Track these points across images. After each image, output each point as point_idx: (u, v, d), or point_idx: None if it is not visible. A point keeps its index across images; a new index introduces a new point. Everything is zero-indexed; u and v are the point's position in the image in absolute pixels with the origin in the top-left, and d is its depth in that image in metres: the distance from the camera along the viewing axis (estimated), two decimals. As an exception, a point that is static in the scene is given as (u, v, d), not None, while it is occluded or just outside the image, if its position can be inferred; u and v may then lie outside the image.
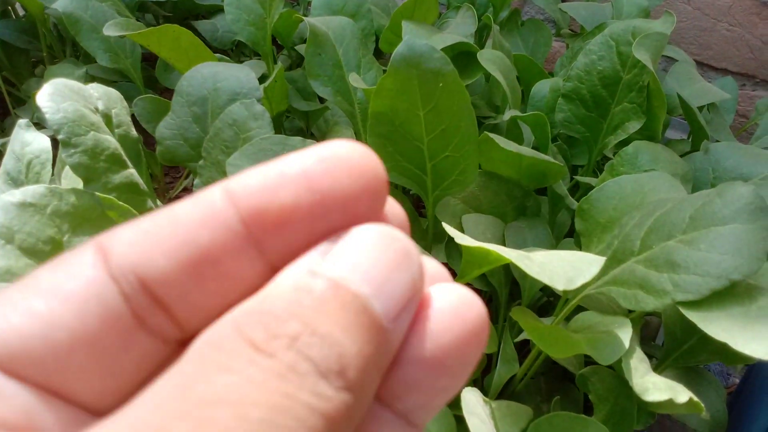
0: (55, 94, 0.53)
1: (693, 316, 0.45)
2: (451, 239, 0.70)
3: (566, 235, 0.77)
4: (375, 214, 0.15)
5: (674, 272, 0.47)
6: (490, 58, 0.67)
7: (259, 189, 0.14)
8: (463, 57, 0.72)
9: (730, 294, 0.46)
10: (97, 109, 0.56)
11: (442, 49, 0.68)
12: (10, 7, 1.14)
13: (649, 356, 0.74)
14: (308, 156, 0.15)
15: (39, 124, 0.93)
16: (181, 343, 0.15)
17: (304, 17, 0.70)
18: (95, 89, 0.58)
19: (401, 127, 0.59)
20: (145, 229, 0.14)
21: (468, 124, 0.58)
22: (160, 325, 0.14)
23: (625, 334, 0.47)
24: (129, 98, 0.97)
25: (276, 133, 0.94)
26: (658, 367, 0.61)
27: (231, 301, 0.14)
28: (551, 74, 1.00)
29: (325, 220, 0.15)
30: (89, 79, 0.89)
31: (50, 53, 1.09)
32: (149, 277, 0.14)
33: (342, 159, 0.15)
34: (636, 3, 0.86)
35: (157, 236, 0.14)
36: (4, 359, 0.14)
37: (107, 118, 0.57)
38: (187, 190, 0.97)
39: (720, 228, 0.47)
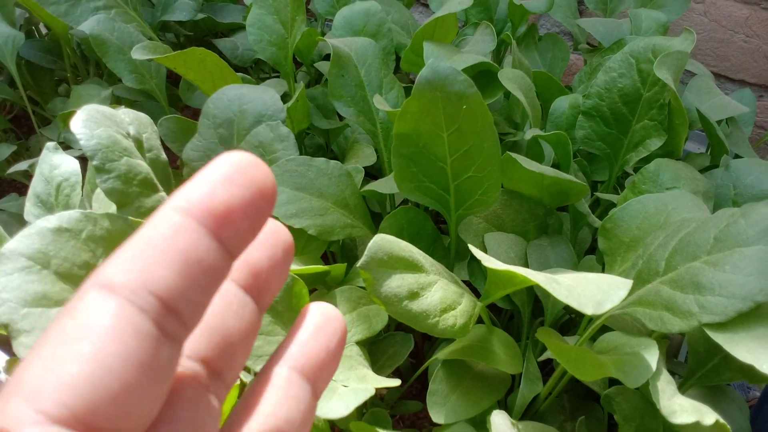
0: (89, 120, 0.54)
1: (718, 337, 0.46)
2: (473, 257, 0.71)
3: (587, 251, 0.78)
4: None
5: (700, 293, 0.48)
6: (510, 78, 0.68)
7: (202, 198, 0.17)
8: (483, 75, 0.73)
9: (755, 315, 0.46)
10: (128, 134, 0.58)
11: (463, 69, 0.69)
12: (33, 27, 1.17)
13: (672, 373, 0.74)
14: (222, 164, 0.18)
15: (64, 143, 0.95)
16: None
17: (326, 39, 0.71)
18: (126, 114, 0.59)
19: (425, 148, 0.59)
20: (132, 255, 0.16)
21: (491, 144, 0.58)
22: (175, 330, 0.16)
23: (652, 357, 0.47)
24: (153, 117, 0.99)
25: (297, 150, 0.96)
26: (682, 386, 0.61)
27: (213, 293, 0.17)
28: (569, 87, 1.00)
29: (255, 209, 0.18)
30: (114, 99, 0.91)
31: (74, 72, 1.11)
32: (159, 289, 0.16)
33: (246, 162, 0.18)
34: (655, 18, 0.87)
35: (147, 257, 0.16)
36: (84, 412, 0.15)
37: (138, 142, 0.59)
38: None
39: (745, 249, 0.47)
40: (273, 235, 0.22)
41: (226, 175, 0.17)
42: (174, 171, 0.94)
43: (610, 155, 0.75)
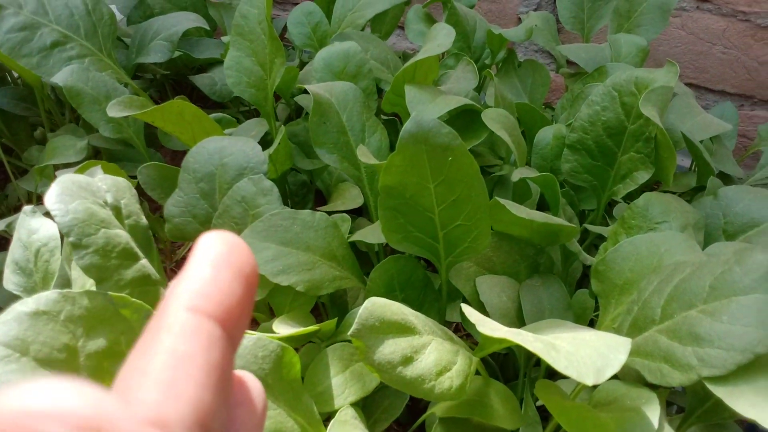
0: (63, 194, 0.53)
1: (719, 391, 0.45)
2: (465, 299, 0.70)
3: (578, 283, 0.77)
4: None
5: (698, 345, 0.47)
6: (494, 117, 0.67)
7: (216, 297, 0.17)
8: (467, 114, 0.72)
9: (755, 364, 0.46)
10: (106, 203, 0.56)
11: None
12: (6, 74, 1.15)
13: (670, 404, 0.74)
14: (218, 254, 0.18)
15: (40, 196, 0.93)
16: None
17: (308, 86, 0.70)
18: (103, 182, 0.57)
19: (412, 199, 0.58)
20: (175, 378, 0.16)
21: (478, 193, 0.57)
22: None
23: (654, 413, 0.46)
24: (133, 164, 0.97)
25: (281, 190, 0.94)
26: (683, 424, 0.60)
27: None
28: (551, 106, 1.00)
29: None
30: (91, 149, 0.89)
31: (49, 118, 1.09)
32: (206, 417, 0.16)
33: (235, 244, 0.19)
34: (635, 43, 0.87)
35: (190, 378, 0.16)
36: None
37: (117, 210, 0.57)
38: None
39: (741, 298, 0.47)
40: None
41: (224, 268, 0.18)
42: (157, 218, 0.92)
43: (597, 187, 0.74)
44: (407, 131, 0.54)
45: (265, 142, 0.93)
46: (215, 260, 0.18)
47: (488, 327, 0.46)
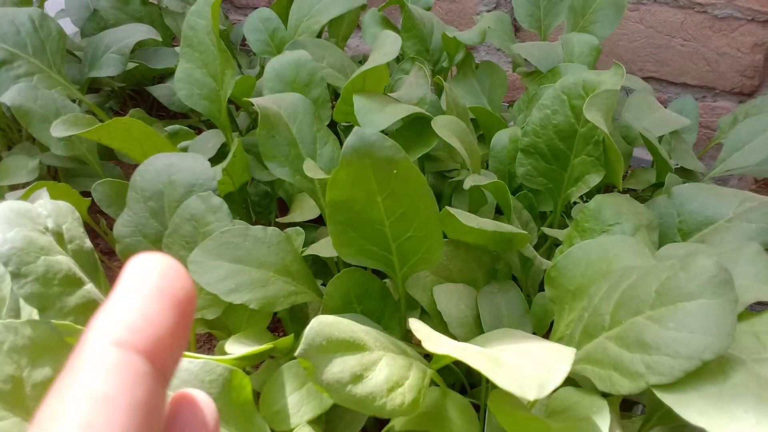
0: (1, 223, 0.51)
1: (667, 398, 0.45)
2: (424, 309, 0.69)
3: (541, 286, 0.77)
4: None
5: (646, 353, 0.47)
6: (444, 125, 0.67)
7: (142, 329, 0.16)
8: (418, 122, 0.72)
9: (703, 370, 0.46)
10: (47, 229, 0.55)
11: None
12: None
13: (636, 403, 0.74)
14: (149, 280, 0.17)
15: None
16: None
17: (254, 99, 0.69)
18: (43, 207, 0.56)
19: (361, 213, 0.58)
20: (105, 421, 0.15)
21: (427, 205, 0.57)
22: None
23: (604, 421, 0.46)
24: (88, 180, 0.96)
25: (240, 201, 0.93)
26: (644, 426, 0.60)
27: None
28: (512, 104, 1.00)
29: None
30: (43, 169, 0.88)
31: (5, 136, 1.07)
32: None
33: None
34: (587, 42, 0.86)
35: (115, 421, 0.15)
36: None
37: (58, 235, 0.56)
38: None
39: (687, 304, 0.46)
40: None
41: (155, 297, 0.16)
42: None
43: (552, 189, 0.74)
44: (350, 146, 0.53)
45: (222, 153, 0.92)
46: (143, 287, 0.17)
47: (433, 343, 0.45)
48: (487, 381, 0.69)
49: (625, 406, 0.75)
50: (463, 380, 0.76)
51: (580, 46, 0.86)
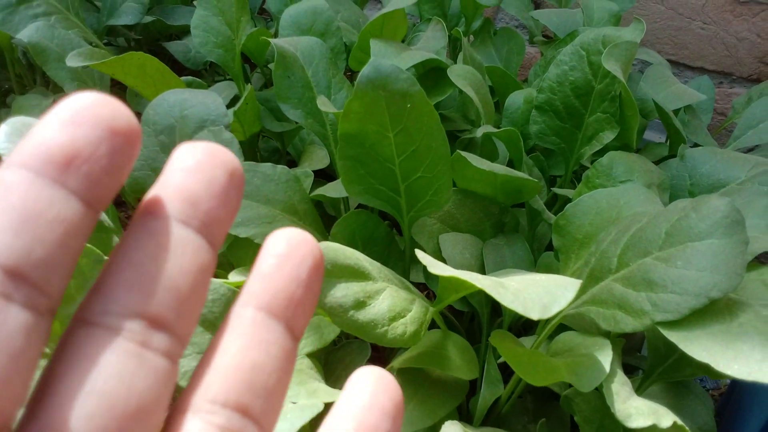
0: (13, 134, 0.51)
1: (673, 336, 0.45)
2: (430, 258, 0.69)
3: (547, 247, 0.77)
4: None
5: (652, 291, 0.46)
6: (460, 74, 0.66)
7: (36, 147, 0.16)
8: (434, 73, 0.71)
9: (710, 311, 0.45)
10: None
11: (413, 67, 0.67)
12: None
13: (635, 368, 0.73)
14: (63, 108, 0.16)
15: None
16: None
17: (272, 39, 0.68)
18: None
19: (371, 149, 0.57)
20: None
21: (439, 144, 0.57)
22: (25, 297, 0.15)
23: (606, 358, 0.46)
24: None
25: (251, 154, 0.93)
26: (644, 383, 0.60)
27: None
28: (527, 81, 0.99)
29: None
30: (57, 108, 0.87)
31: (19, 82, 1.07)
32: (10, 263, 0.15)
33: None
34: (607, 8, 0.86)
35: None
36: None
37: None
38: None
39: (697, 243, 0.46)
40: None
41: (65, 119, 0.16)
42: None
43: (565, 150, 0.73)
44: (365, 76, 0.53)
45: (234, 105, 0.92)
46: (59, 117, 0.16)
47: (439, 268, 0.45)
48: (488, 336, 0.69)
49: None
50: (463, 335, 0.76)
51: (600, 11, 0.85)
